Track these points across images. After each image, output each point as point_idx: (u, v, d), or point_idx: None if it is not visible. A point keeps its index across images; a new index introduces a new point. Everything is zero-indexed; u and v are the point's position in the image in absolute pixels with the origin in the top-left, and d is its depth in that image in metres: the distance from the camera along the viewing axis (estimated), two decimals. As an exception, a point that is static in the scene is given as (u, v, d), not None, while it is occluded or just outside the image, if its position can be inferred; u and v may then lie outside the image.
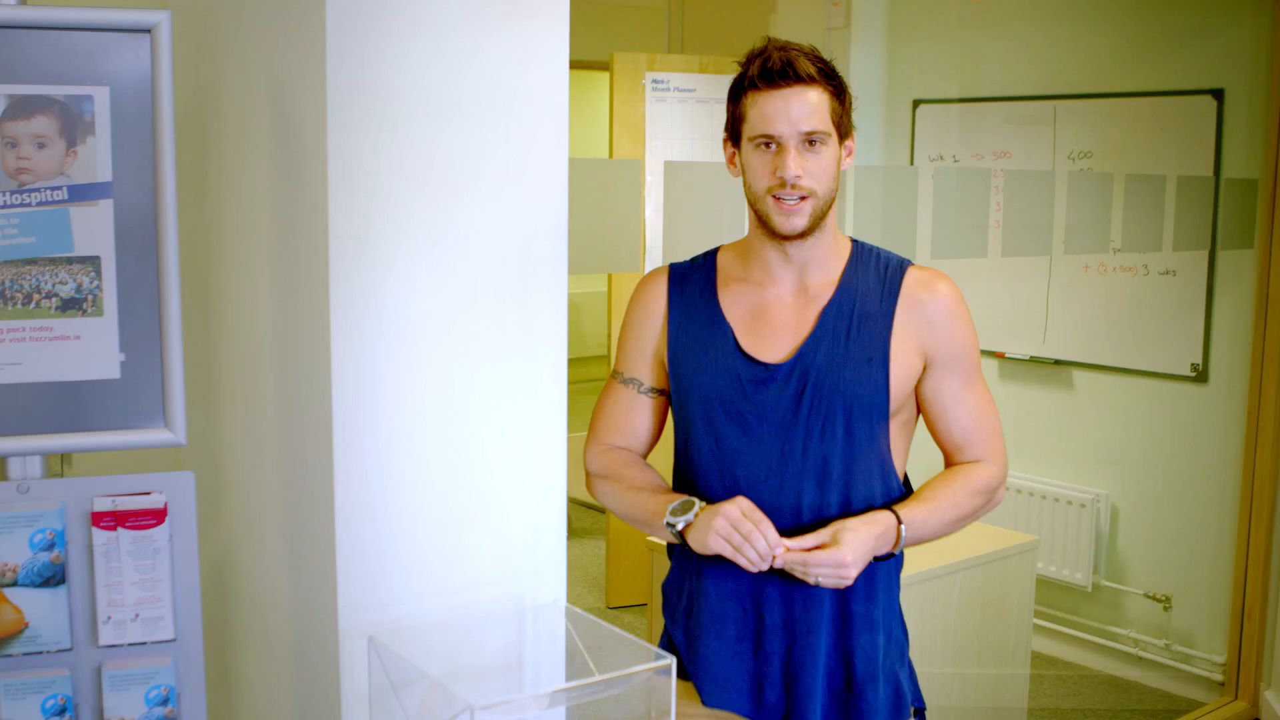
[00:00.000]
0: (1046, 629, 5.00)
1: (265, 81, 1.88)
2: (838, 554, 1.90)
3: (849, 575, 1.91)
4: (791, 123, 1.93)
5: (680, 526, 1.97)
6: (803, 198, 1.94)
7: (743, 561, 1.91)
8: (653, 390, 2.15)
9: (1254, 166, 4.38)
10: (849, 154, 2.01)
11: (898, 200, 3.41)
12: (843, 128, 1.98)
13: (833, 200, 1.99)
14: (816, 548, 1.92)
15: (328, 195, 1.72)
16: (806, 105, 1.93)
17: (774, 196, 1.95)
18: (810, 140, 1.93)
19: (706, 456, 2.05)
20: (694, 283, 2.10)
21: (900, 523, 1.98)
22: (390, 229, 1.77)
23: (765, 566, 1.91)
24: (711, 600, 2.06)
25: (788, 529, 1.99)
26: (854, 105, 2.03)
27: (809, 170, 1.94)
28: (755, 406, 2.00)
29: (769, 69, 1.94)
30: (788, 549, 1.91)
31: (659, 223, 2.89)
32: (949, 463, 2.13)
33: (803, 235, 1.98)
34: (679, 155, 5.18)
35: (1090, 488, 4.90)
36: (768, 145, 1.95)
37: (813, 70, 1.93)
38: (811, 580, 1.91)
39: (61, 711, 1.74)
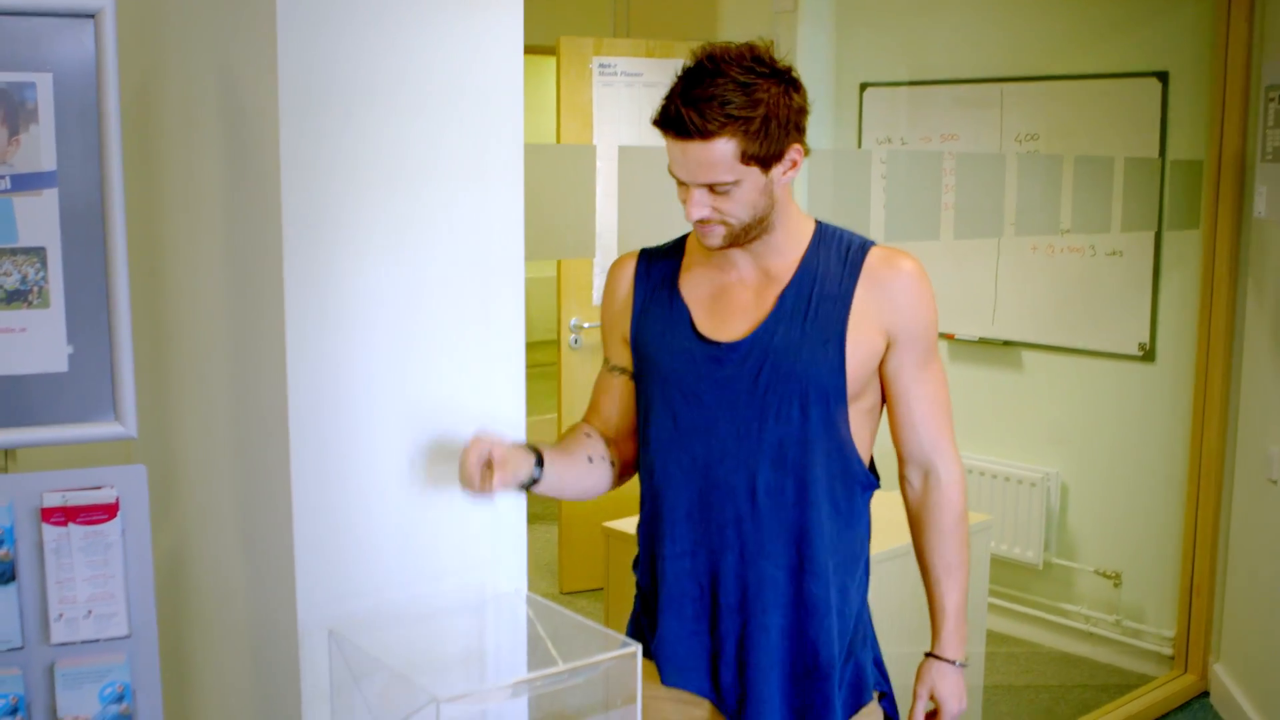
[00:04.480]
0: (999, 607, 5.04)
1: (214, 68, 1.85)
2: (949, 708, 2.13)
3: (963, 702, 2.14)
4: (691, 174, 1.89)
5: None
6: (721, 223, 1.93)
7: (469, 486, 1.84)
8: (618, 369, 2.15)
9: (1198, 148, 4.42)
10: (793, 166, 1.96)
11: (851, 184, 3.41)
12: (766, 159, 1.90)
13: (764, 215, 1.96)
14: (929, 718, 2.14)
15: (280, 184, 1.69)
16: (706, 160, 1.86)
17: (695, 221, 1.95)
18: (713, 187, 1.89)
19: (665, 435, 2.05)
20: (660, 267, 2.11)
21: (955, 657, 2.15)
22: (344, 217, 1.75)
23: (475, 488, 1.82)
24: (669, 580, 2.06)
25: (745, 508, 2.00)
26: (810, 105, 1.98)
27: (718, 207, 1.91)
28: (712, 386, 2.01)
29: (669, 117, 1.87)
30: None
31: (609, 208, 2.87)
32: (898, 446, 2.11)
33: (733, 246, 1.98)
34: (627, 140, 5.16)
35: (1040, 466, 4.94)
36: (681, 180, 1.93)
37: (713, 125, 1.83)
38: None
39: (14, 711, 1.71)
